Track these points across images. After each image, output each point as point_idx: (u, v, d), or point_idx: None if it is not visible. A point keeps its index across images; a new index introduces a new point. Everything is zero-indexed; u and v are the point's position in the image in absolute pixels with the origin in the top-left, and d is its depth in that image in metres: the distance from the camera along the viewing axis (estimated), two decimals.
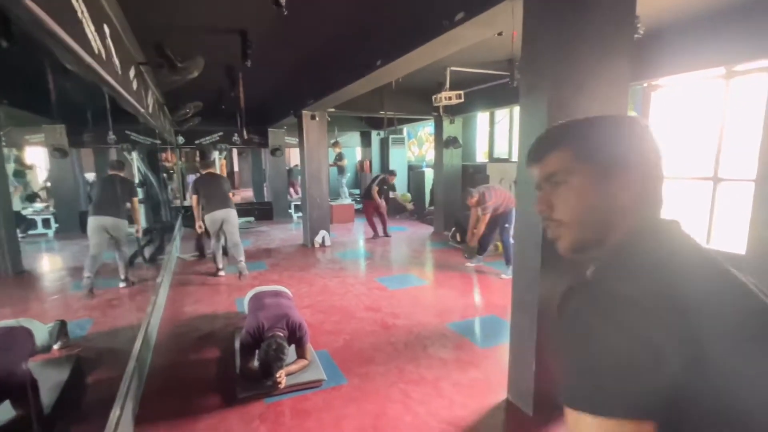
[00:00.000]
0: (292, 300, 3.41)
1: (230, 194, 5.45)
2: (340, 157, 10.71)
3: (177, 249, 6.94)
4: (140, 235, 5.33)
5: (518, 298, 2.53)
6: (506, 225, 5.37)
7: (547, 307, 2.38)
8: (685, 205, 4.88)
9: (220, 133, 10.12)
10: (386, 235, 8.05)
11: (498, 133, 8.39)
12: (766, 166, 3.58)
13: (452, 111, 7.81)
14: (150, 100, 4.43)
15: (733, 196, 4.36)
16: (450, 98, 5.82)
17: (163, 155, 9.49)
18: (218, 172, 5.66)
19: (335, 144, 10.69)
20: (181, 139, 9.85)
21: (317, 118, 7.12)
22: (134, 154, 7.59)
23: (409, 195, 7.88)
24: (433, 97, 5.88)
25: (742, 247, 3.82)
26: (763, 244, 3.59)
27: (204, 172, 5.53)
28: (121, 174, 4.91)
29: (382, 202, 7.93)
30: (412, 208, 9.54)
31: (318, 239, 7.30)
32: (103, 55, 2.16)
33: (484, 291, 4.88)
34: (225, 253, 5.67)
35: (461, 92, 5.84)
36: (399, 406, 2.57)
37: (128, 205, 4.84)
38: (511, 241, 5.39)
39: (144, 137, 8.26)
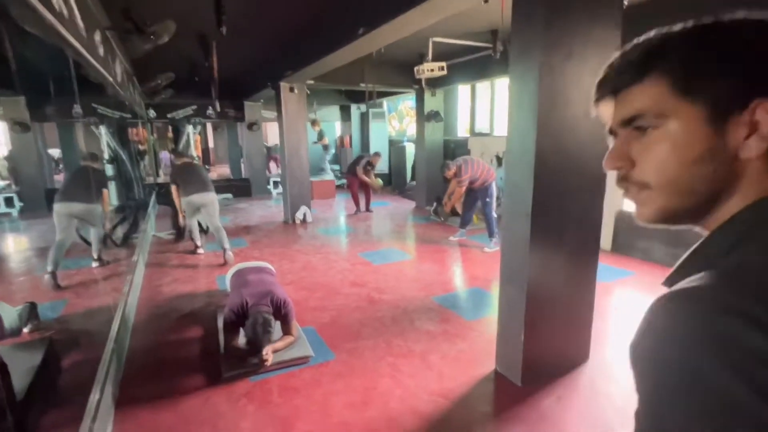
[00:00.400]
0: (275, 276, 3.33)
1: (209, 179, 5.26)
2: (321, 135, 10.49)
3: (152, 227, 6.71)
4: (108, 223, 5.11)
5: (507, 269, 2.52)
6: (487, 199, 5.37)
7: (537, 278, 2.37)
8: None
9: (194, 107, 9.72)
10: (368, 210, 7.98)
11: (479, 107, 8.30)
12: None
13: (434, 84, 7.66)
14: (118, 69, 4.15)
15: None
16: (432, 70, 5.69)
17: (134, 130, 9.07)
18: (194, 157, 5.43)
19: (314, 122, 10.44)
20: (152, 113, 9.41)
21: (296, 91, 6.88)
22: (102, 129, 7.21)
23: (380, 181, 7.81)
24: (415, 69, 5.74)
25: None
26: None
27: (179, 163, 5.31)
28: (95, 165, 4.66)
29: (370, 180, 7.81)
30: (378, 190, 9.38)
31: (299, 215, 7.17)
32: (65, 14, 1.96)
33: (468, 264, 4.89)
34: (203, 230, 5.51)
35: (444, 64, 5.72)
36: (388, 380, 2.56)
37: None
38: (494, 214, 5.41)
39: (113, 111, 7.85)
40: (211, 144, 17.34)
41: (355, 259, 5.05)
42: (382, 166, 10.85)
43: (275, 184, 10.55)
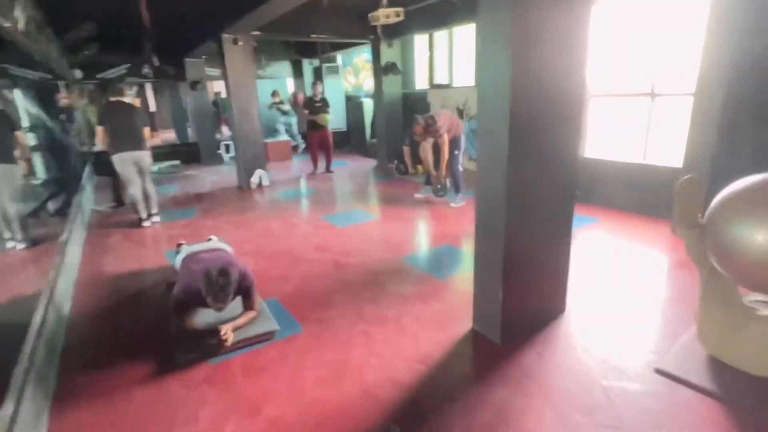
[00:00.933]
0: (232, 255, 2.99)
1: (145, 131, 4.71)
2: (279, 102, 9.87)
3: (90, 200, 6.10)
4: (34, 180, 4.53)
5: (482, 225, 2.35)
6: (456, 152, 5.17)
7: (514, 232, 2.22)
8: (623, 121, 4.93)
9: (128, 65, 8.76)
10: (329, 171, 7.64)
11: (437, 58, 7.93)
12: (703, 80, 3.57)
13: (390, 33, 7.19)
14: (20, 14, 3.48)
15: (669, 112, 4.42)
16: (388, 16, 5.28)
17: (60, 94, 8.08)
18: (131, 101, 4.84)
19: (274, 94, 9.79)
20: (78, 73, 8.39)
21: (241, 43, 6.24)
22: (17, 92, 6.33)
23: (326, 116, 7.31)
24: (370, 16, 5.32)
25: (679, 161, 3.91)
26: (699, 156, 3.68)
27: (112, 99, 4.70)
28: None
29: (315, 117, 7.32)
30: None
31: (254, 179, 6.73)
32: None
33: (436, 221, 4.75)
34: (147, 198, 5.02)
35: (400, 9, 5.32)
36: (362, 349, 2.39)
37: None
38: (461, 169, 5.24)
39: (30, 71, 6.88)
40: (152, 107, 16.03)
41: (318, 223, 4.78)
42: (339, 122, 10.40)
43: (227, 147, 9.89)
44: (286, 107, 10.01)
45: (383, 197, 5.87)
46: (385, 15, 5.22)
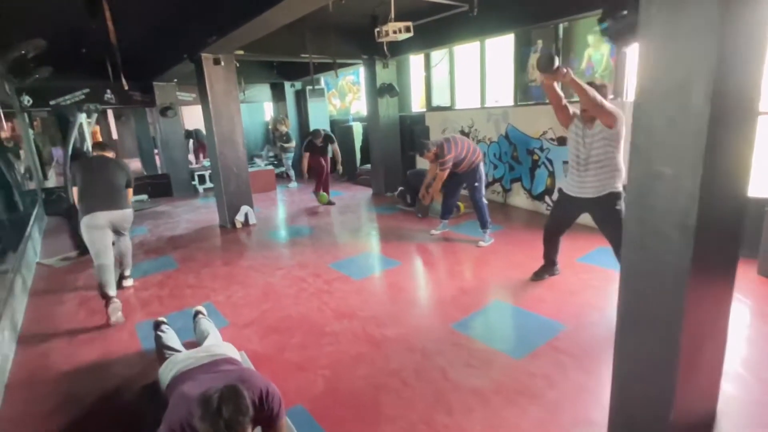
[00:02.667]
0: (240, 363, 2.09)
1: (128, 193, 3.70)
2: (288, 138, 9.03)
3: (36, 252, 5.01)
4: None
5: (635, 308, 1.59)
6: (476, 183, 4.49)
7: (695, 320, 1.48)
8: None
9: (86, 90, 7.75)
10: (329, 203, 6.84)
11: (435, 78, 7.34)
12: None
13: (392, 51, 6.53)
14: None
15: None
16: (397, 31, 4.62)
17: (1, 124, 6.96)
18: (112, 155, 3.78)
19: (283, 121, 8.97)
20: (27, 100, 7.32)
21: (223, 63, 5.42)
22: None
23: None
24: (376, 31, 4.64)
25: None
26: None
27: (94, 154, 3.76)
28: None
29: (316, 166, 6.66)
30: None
31: (239, 217, 5.82)
32: None
33: (468, 266, 3.99)
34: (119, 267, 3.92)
35: (410, 24, 4.66)
36: None
37: None
38: (485, 201, 4.55)
39: None
40: (114, 135, 14.76)
41: (328, 274, 3.93)
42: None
43: (201, 178, 8.91)
44: (292, 143, 9.11)
45: (393, 235, 5.07)
46: (394, 29, 4.55)
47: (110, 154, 3.76)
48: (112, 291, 3.29)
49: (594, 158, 2.84)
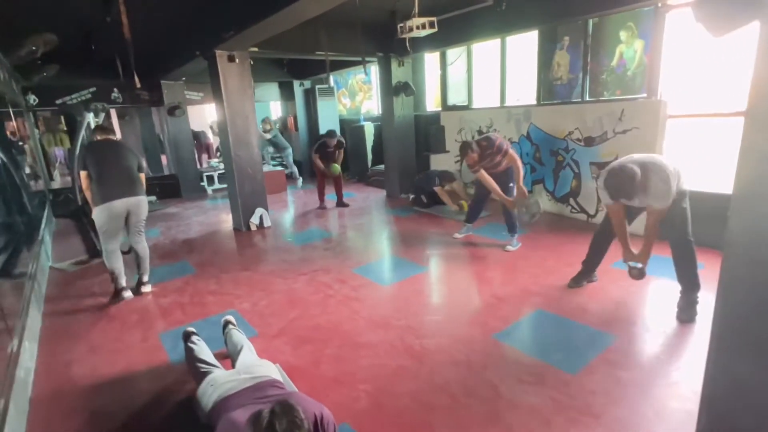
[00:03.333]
0: (284, 386, 1.94)
1: (141, 178, 3.64)
2: (276, 140, 8.93)
3: (48, 255, 4.86)
4: None
5: (737, 328, 1.43)
6: (510, 185, 4.32)
7: None
8: (710, 146, 4.24)
9: (92, 89, 7.61)
10: (342, 204, 6.68)
11: (451, 77, 7.18)
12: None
13: (407, 49, 6.37)
14: None
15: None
16: (421, 27, 4.47)
17: (10, 123, 6.80)
18: (116, 138, 3.72)
19: (265, 121, 8.85)
20: (33, 99, 7.17)
21: (237, 60, 5.27)
22: None
23: (337, 167, 6.49)
24: (399, 27, 4.49)
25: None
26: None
27: (98, 138, 3.61)
28: None
29: (327, 170, 6.50)
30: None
31: (254, 220, 5.67)
32: None
33: (500, 272, 3.83)
34: (125, 251, 3.85)
35: (434, 19, 4.52)
36: None
37: None
38: None
39: None
40: (118, 135, 14.62)
41: (354, 279, 3.78)
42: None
43: (209, 179, 8.75)
44: (284, 149, 9.02)
45: (414, 238, 4.92)
46: (418, 25, 4.41)
47: (114, 138, 3.67)
48: (123, 281, 3.57)
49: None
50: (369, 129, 8.87)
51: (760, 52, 1.23)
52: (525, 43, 5.77)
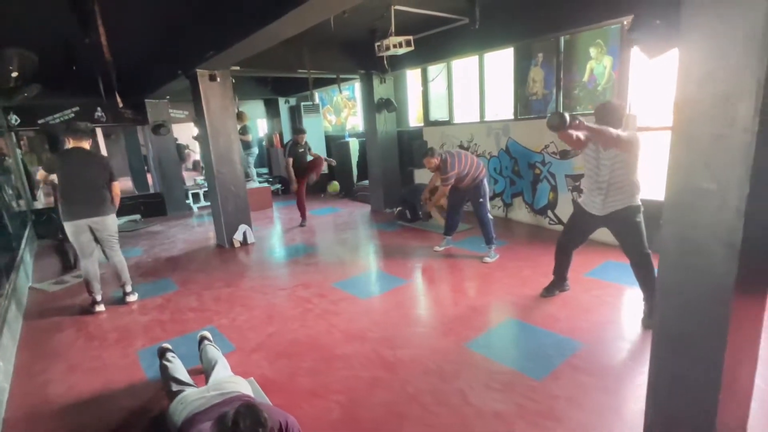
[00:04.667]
0: (253, 398, 1.99)
1: (114, 187, 3.69)
2: (244, 130, 8.84)
3: (28, 276, 4.83)
4: None
5: (673, 328, 1.53)
6: (480, 199, 4.46)
7: (739, 343, 1.43)
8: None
9: (75, 109, 7.62)
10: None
11: (432, 93, 7.36)
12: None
13: (392, 65, 6.52)
14: None
15: None
16: (398, 45, 4.63)
17: None
18: (88, 145, 3.75)
19: (240, 116, 8.79)
20: (15, 119, 7.18)
21: (219, 79, 5.37)
22: None
23: (337, 184, 6.60)
24: (377, 45, 4.66)
25: None
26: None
27: (71, 146, 3.63)
28: None
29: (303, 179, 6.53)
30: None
31: (238, 236, 5.70)
32: None
33: (476, 283, 3.92)
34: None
35: (410, 38, 4.69)
36: None
37: None
38: (490, 216, 4.51)
39: None
40: (104, 153, 14.59)
41: (333, 294, 3.83)
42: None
43: (195, 197, 8.77)
44: (250, 138, 9.00)
45: (397, 252, 5.00)
46: (395, 43, 4.57)
47: (87, 145, 3.69)
48: (99, 295, 3.73)
49: (614, 179, 2.79)
50: (354, 145, 9.01)
51: (679, 74, 1.35)
52: (502, 60, 5.97)
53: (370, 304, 3.59)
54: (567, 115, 2.36)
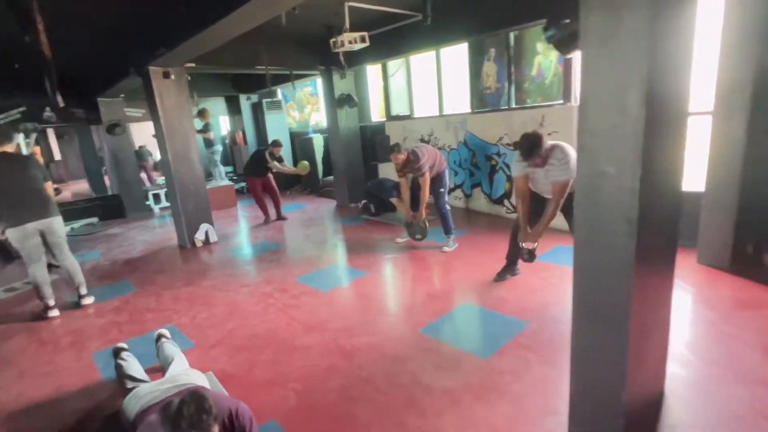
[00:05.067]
0: (208, 390, 2.03)
1: (48, 187, 3.56)
2: (206, 128, 8.68)
3: None
4: None
5: (587, 301, 1.68)
6: (441, 190, 4.59)
7: (640, 310, 1.59)
8: None
9: (22, 109, 7.29)
10: (281, 218, 6.68)
11: (392, 88, 7.46)
12: (722, 98, 3.33)
13: (348, 62, 6.55)
14: None
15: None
16: (353, 42, 4.69)
17: None
18: (12, 149, 3.60)
19: (202, 113, 8.63)
20: None
21: (173, 77, 5.28)
22: None
23: (306, 163, 6.60)
24: (332, 42, 4.69)
25: (700, 184, 3.61)
26: (723, 178, 3.40)
27: None
28: None
29: (290, 168, 6.59)
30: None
31: (199, 236, 5.65)
32: None
33: (434, 272, 4.07)
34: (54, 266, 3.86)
35: (365, 34, 4.75)
36: None
37: None
38: (448, 207, 4.65)
39: None
40: (57, 155, 13.99)
41: (296, 288, 3.88)
42: (287, 161, 9.53)
43: (156, 197, 8.57)
44: (212, 135, 8.86)
45: (360, 245, 5.09)
46: (349, 40, 4.62)
47: (10, 149, 3.58)
48: (51, 300, 3.63)
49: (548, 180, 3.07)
50: (319, 141, 9.01)
51: (582, 69, 1.48)
52: (457, 55, 6.12)
53: (331, 296, 3.66)
54: (535, 246, 3.22)
